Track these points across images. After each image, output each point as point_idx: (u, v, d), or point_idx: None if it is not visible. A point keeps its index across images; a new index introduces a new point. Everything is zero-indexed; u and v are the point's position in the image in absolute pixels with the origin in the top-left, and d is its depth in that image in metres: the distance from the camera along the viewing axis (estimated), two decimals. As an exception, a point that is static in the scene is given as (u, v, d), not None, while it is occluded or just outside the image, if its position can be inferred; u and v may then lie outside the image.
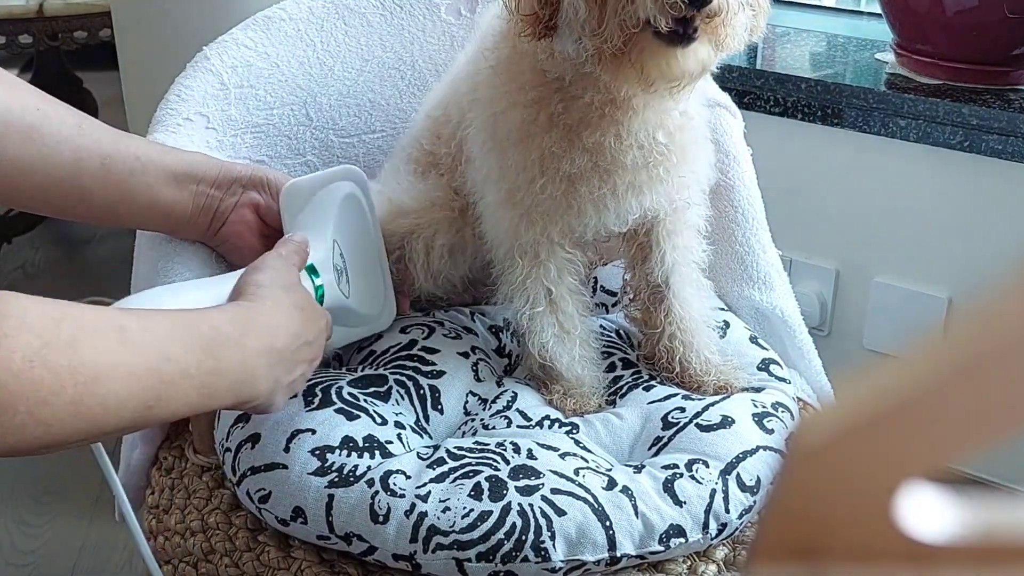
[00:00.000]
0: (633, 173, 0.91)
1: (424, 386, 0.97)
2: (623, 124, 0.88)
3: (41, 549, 1.62)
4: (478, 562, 0.82)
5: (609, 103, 0.88)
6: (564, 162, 0.90)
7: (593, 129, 0.88)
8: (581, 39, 0.82)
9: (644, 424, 0.96)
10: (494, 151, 0.93)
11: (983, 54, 1.49)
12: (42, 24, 2.42)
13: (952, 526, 0.28)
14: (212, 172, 0.93)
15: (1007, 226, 1.50)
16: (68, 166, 0.85)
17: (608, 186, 0.91)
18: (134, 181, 0.88)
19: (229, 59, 1.10)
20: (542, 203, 0.92)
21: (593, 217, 0.93)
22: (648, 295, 1.02)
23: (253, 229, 0.96)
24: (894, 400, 0.28)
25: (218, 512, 0.94)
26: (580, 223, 0.94)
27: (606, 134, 0.88)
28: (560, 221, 0.93)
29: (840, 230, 1.64)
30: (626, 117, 0.88)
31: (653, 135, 0.90)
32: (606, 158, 0.90)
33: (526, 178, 0.91)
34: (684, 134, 0.93)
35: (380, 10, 1.19)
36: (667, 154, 0.92)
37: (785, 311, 1.12)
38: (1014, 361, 0.27)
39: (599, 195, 0.91)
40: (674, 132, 0.92)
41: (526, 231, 0.94)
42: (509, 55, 0.91)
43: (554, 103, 0.89)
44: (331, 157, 1.17)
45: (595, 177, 0.91)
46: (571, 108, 0.89)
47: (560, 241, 0.95)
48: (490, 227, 0.97)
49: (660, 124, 0.90)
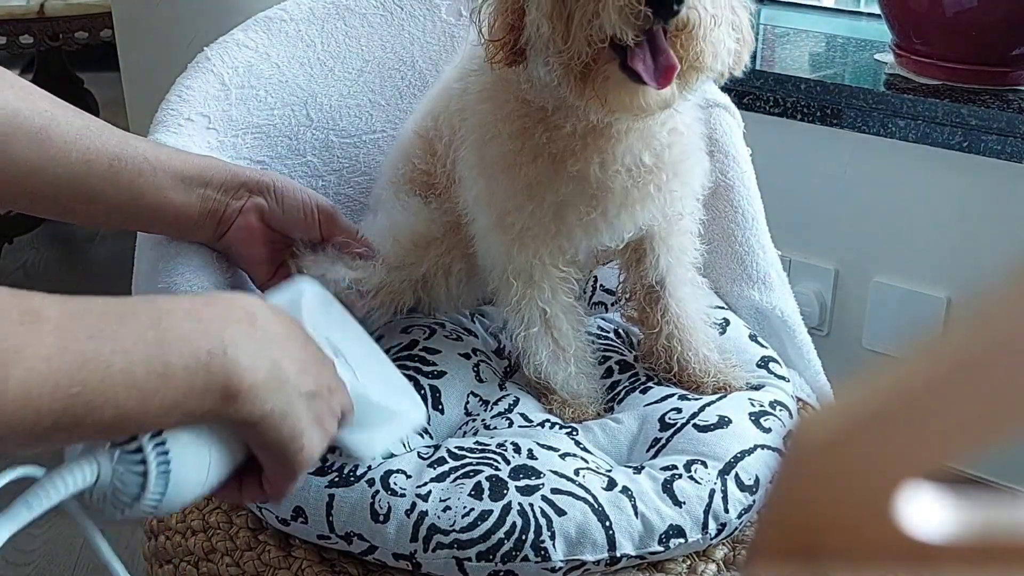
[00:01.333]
0: (623, 195, 0.90)
1: (425, 386, 0.97)
2: (607, 151, 0.87)
3: (41, 549, 1.62)
4: (478, 561, 0.82)
5: (591, 132, 0.86)
6: (550, 192, 0.89)
7: (577, 158, 0.87)
8: (548, 60, 0.81)
9: (642, 426, 0.96)
10: (483, 176, 0.93)
11: (982, 55, 1.49)
12: (43, 24, 2.42)
13: (952, 526, 0.28)
14: (220, 176, 0.93)
15: (1006, 226, 1.50)
16: (76, 167, 0.85)
17: (598, 210, 0.90)
18: (143, 182, 0.88)
19: (230, 60, 1.10)
20: (532, 228, 0.91)
21: (583, 240, 0.93)
22: (644, 295, 1.02)
23: (258, 234, 0.96)
24: (894, 400, 0.28)
25: (219, 511, 0.94)
26: (571, 246, 0.94)
27: (590, 162, 0.87)
28: (550, 244, 0.93)
29: (839, 230, 1.64)
30: (609, 144, 0.87)
31: (639, 158, 0.89)
32: (592, 185, 0.88)
33: (515, 204, 0.91)
34: (674, 152, 0.92)
35: (380, 11, 1.19)
36: (656, 172, 0.90)
37: (784, 311, 1.12)
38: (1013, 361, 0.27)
39: (588, 220, 0.91)
40: (662, 152, 0.90)
41: (518, 254, 0.93)
42: (494, 82, 0.90)
43: (538, 133, 0.88)
44: (332, 158, 1.17)
45: (582, 203, 0.90)
46: (555, 138, 0.88)
47: (552, 263, 0.95)
48: (483, 250, 0.97)
49: (646, 147, 0.89)
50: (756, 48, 1.75)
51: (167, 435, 0.63)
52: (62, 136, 0.84)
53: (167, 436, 0.63)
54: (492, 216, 0.93)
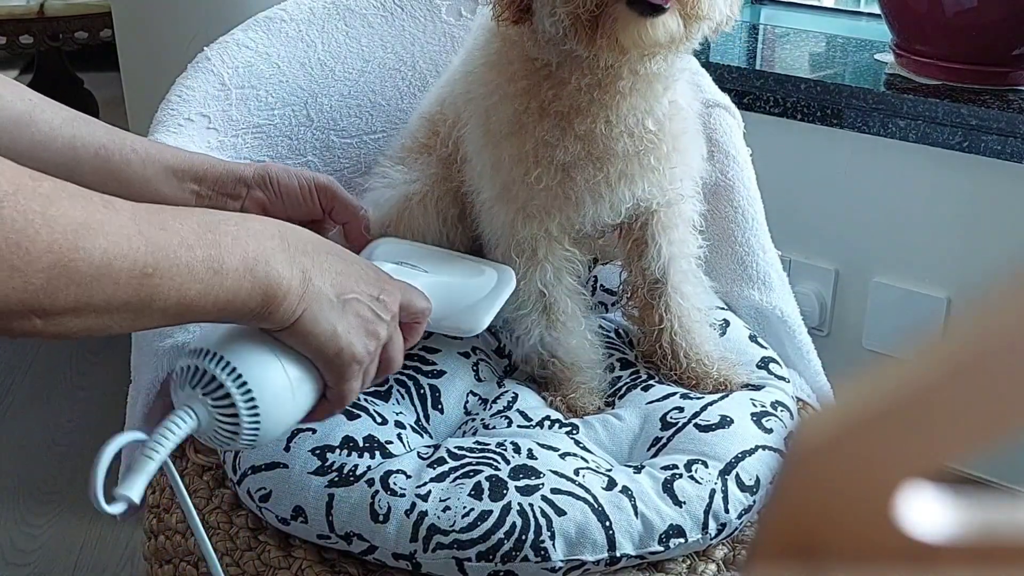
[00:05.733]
0: (624, 161, 0.92)
1: (424, 386, 0.97)
2: (611, 109, 0.89)
3: (41, 549, 1.62)
4: (478, 561, 0.82)
5: (596, 86, 0.89)
6: (558, 150, 0.90)
7: (584, 116, 0.89)
8: (555, 11, 0.83)
9: (643, 425, 0.96)
10: (488, 146, 0.94)
11: (982, 54, 1.49)
12: (43, 25, 2.42)
13: (952, 526, 0.28)
14: (214, 172, 0.93)
15: (1006, 226, 1.50)
16: (62, 155, 0.84)
17: (602, 174, 0.92)
18: (131, 173, 0.87)
19: (230, 60, 1.10)
20: (538, 195, 0.93)
21: (590, 207, 0.94)
22: (647, 291, 1.02)
23: None
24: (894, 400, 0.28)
25: (219, 511, 0.94)
26: (578, 214, 0.94)
27: (596, 120, 0.89)
28: (558, 215, 0.94)
29: (839, 230, 1.64)
30: (614, 101, 0.89)
31: (642, 122, 0.91)
32: (598, 146, 0.91)
33: (520, 171, 0.92)
34: (674, 124, 0.94)
35: (381, 11, 1.19)
36: (657, 143, 0.92)
37: (784, 311, 1.12)
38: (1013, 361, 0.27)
39: (594, 183, 0.92)
40: (663, 121, 0.93)
41: (523, 226, 0.94)
42: (499, 48, 0.93)
43: (544, 90, 0.90)
44: (332, 158, 1.17)
45: (589, 165, 0.92)
46: (561, 95, 0.90)
47: (559, 236, 0.96)
48: (487, 224, 0.98)
49: (648, 111, 0.91)
50: (756, 48, 1.76)
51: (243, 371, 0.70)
52: (48, 122, 0.83)
53: (243, 371, 0.70)
54: (497, 186, 0.94)
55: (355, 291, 0.72)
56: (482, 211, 0.97)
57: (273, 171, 0.95)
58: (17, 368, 2.09)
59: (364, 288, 0.73)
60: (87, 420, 1.92)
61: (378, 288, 0.75)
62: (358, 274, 0.74)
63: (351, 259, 0.75)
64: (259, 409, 0.69)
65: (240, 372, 0.69)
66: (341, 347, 0.71)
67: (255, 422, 0.70)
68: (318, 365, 0.72)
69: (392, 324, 0.75)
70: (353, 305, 0.72)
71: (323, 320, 0.70)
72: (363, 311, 0.73)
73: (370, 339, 0.73)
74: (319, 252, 0.71)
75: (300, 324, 0.69)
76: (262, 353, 0.71)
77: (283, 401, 0.71)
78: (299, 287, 0.68)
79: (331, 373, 0.73)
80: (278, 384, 0.70)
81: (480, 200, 0.97)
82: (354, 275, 0.73)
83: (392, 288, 0.76)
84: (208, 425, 0.70)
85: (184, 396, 0.70)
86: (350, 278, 0.73)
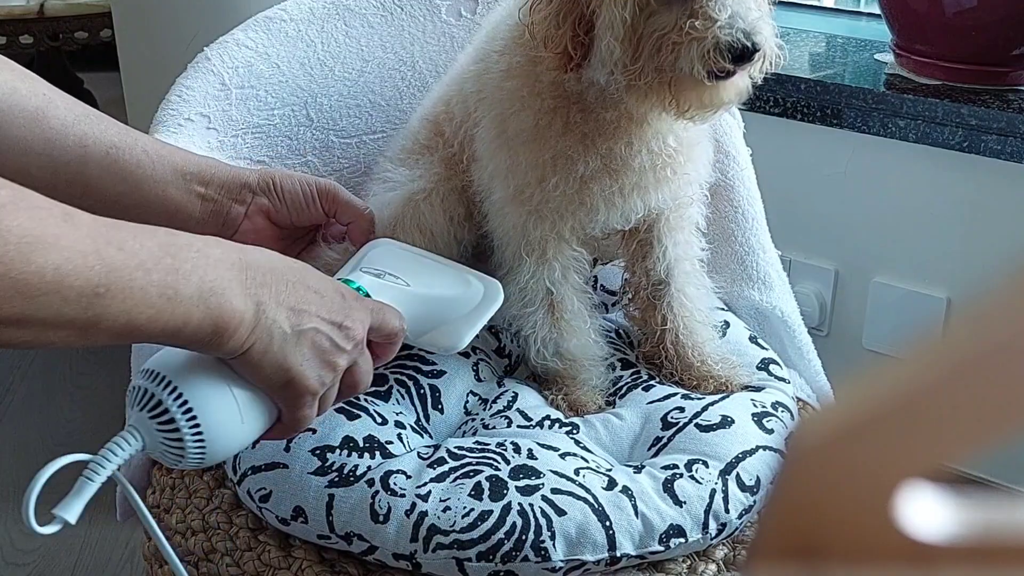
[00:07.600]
0: (639, 175, 0.92)
1: (424, 386, 0.97)
2: (635, 134, 0.91)
3: (41, 549, 1.62)
4: (478, 561, 0.82)
5: (625, 117, 0.90)
6: (579, 164, 0.91)
7: (607, 138, 0.90)
8: (614, 73, 0.84)
9: (644, 424, 0.96)
10: (503, 148, 0.94)
11: (982, 54, 1.49)
12: (43, 25, 2.43)
13: (952, 526, 0.28)
14: (220, 176, 0.92)
15: (1006, 226, 1.50)
16: (73, 152, 0.84)
17: (617, 185, 0.93)
18: (141, 174, 0.88)
19: (230, 60, 1.10)
20: (553, 200, 0.93)
21: (604, 213, 0.95)
22: (649, 292, 1.02)
23: (267, 235, 0.95)
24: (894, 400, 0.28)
25: (219, 511, 0.94)
26: (591, 219, 0.95)
27: (619, 142, 0.91)
28: (571, 219, 0.95)
29: (839, 230, 1.64)
30: (641, 129, 0.91)
31: (664, 140, 0.92)
32: (617, 162, 0.91)
33: (536, 176, 0.92)
34: (690, 134, 0.95)
35: (381, 11, 1.19)
36: (675, 156, 0.93)
37: (784, 311, 1.13)
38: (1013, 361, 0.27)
39: (609, 192, 0.93)
40: (682, 134, 0.94)
41: (534, 228, 0.95)
42: (523, 62, 0.92)
43: (572, 112, 0.91)
44: (332, 158, 1.17)
45: (606, 176, 0.92)
46: (588, 119, 0.90)
47: (569, 238, 0.96)
48: (497, 225, 0.97)
49: (670, 130, 0.92)
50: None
51: (189, 397, 0.70)
52: (60, 119, 0.83)
53: (189, 398, 0.70)
54: (510, 189, 0.94)
55: (313, 322, 0.72)
56: (492, 211, 0.97)
57: (277, 177, 0.95)
58: (17, 368, 2.09)
59: (326, 316, 0.73)
60: (87, 420, 1.93)
61: (342, 315, 0.74)
62: (320, 303, 0.73)
63: (317, 287, 0.74)
64: (204, 435, 0.70)
65: (187, 398, 0.70)
66: (291, 378, 0.71)
67: (200, 446, 0.70)
68: (269, 394, 0.73)
69: (355, 351, 0.75)
70: (309, 336, 0.71)
71: (273, 352, 0.70)
72: (321, 341, 0.72)
73: (326, 369, 0.73)
74: (280, 282, 0.71)
75: (249, 355, 0.69)
76: (211, 378, 0.71)
77: (230, 427, 0.72)
78: (251, 320, 0.68)
79: (282, 402, 0.73)
80: (225, 411, 0.71)
81: (491, 201, 0.97)
82: (315, 304, 0.73)
83: (359, 314, 0.76)
84: (153, 446, 0.71)
85: (133, 416, 0.71)
86: (310, 307, 0.72)
